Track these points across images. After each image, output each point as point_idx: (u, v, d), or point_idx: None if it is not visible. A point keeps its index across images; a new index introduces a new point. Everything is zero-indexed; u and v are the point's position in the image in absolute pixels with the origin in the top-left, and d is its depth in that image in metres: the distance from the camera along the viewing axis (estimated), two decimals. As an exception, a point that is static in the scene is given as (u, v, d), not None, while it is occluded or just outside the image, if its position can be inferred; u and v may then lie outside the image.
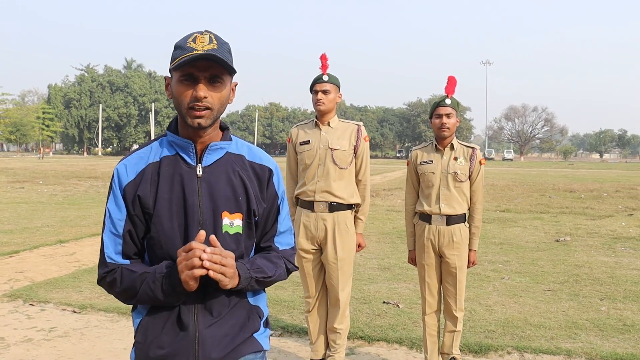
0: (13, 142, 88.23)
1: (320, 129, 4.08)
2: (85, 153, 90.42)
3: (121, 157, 1.91)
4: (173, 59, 1.67)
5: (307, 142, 4.07)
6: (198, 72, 1.65)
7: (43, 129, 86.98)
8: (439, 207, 3.94)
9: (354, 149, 4.07)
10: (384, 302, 5.86)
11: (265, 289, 1.91)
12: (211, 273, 1.57)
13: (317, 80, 4.04)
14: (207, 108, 1.66)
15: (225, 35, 1.76)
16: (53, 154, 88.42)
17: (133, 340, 1.79)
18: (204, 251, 1.56)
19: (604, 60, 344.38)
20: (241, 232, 1.76)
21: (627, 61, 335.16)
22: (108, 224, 1.74)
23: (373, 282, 6.77)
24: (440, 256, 4.00)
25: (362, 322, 5.20)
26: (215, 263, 1.57)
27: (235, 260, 1.66)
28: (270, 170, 1.86)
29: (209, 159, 1.76)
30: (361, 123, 4.20)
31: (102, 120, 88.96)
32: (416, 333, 4.87)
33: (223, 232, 1.72)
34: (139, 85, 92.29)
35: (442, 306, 4.10)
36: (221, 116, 1.76)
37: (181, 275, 1.59)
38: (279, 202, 1.88)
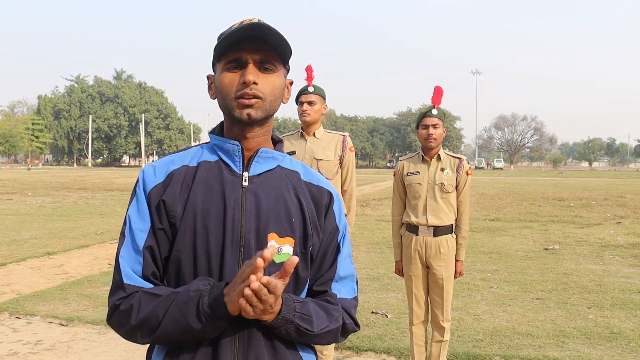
0: (2, 153, 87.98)
1: (306, 140, 4.10)
2: (75, 164, 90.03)
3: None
4: (216, 47, 1.41)
5: (293, 153, 4.08)
6: (246, 55, 1.38)
7: (32, 140, 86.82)
8: (426, 218, 3.95)
9: (340, 160, 4.09)
10: (372, 312, 5.86)
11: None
12: (242, 302, 1.23)
13: (303, 91, 4.07)
14: (258, 97, 1.38)
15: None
16: (43, 165, 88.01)
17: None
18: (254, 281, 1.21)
19: (592, 69, 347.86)
20: None
21: (616, 71, 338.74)
22: (127, 237, 1.40)
23: (362, 292, 6.76)
24: (427, 267, 4.01)
25: (350, 332, 5.18)
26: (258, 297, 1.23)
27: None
28: (331, 195, 1.52)
29: (258, 167, 1.44)
30: (347, 133, 4.23)
31: (92, 131, 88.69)
32: (404, 343, 4.87)
33: None
34: (129, 96, 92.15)
35: (430, 316, 4.11)
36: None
37: (232, 295, 1.24)
38: (339, 239, 1.52)
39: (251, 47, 1.38)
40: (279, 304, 1.31)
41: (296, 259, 1.25)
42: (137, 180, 1.45)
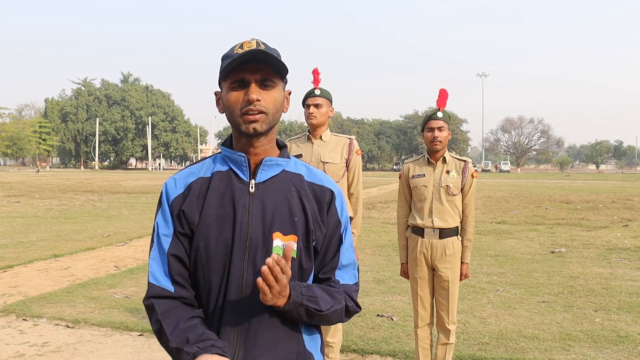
0: (10, 156, 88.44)
1: (313, 143, 4.11)
2: (82, 167, 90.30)
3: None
4: (221, 70, 1.61)
5: (300, 156, 4.09)
6: (248, 76, 1.57)
7: (40, 143, 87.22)
8: (432, 221, 3.95)
9: (346, 163, 4.09)
10: (378, 315, 5.85)
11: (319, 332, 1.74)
12: (259, 282, 1.43)
13: (309, 94, 4.07)
14: (261, 112, 1.57)
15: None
16: (50, 167, 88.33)
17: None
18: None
19: (599, 71, 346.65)
20: (294, 256, 1.60)
21: (624, 73, 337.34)
22: (156, 241, 1.63)
23: (367, 295, 6.77)
24: (432, 269, 4.00)
25: (355, 335, 5.19)
26: (272, 274, 1.44)
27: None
28: (332, 193, 1.70)
29: (263, 174, 1.64)
30: (353, 136, 4.24)
31: (98, 134, 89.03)
32: (410, 346, 4.86)
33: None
34: (136, 98, 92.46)
35: (435, 319, 4.11)
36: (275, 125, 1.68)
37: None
38: (341, 230, 1.71)
39: (252, 68, 1.57)
40: (288, 289, 1.51)
41: (293, 244, 1.48)
42: (162, 192, 1.67)
